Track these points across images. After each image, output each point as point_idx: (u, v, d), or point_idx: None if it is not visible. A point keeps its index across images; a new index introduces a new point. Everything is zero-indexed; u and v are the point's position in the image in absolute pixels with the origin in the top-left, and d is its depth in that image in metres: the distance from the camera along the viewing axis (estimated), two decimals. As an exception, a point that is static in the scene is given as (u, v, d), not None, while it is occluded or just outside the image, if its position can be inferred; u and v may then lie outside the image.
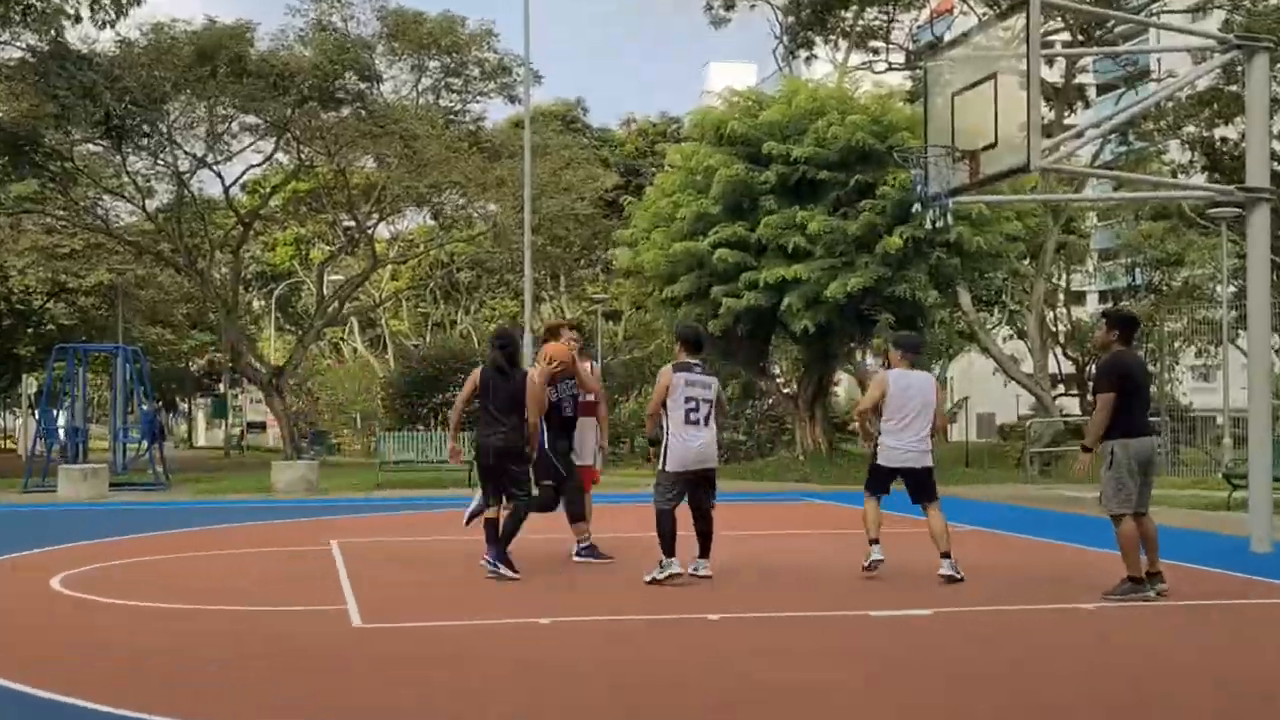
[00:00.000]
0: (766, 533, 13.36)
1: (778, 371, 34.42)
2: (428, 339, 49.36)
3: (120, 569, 10.58)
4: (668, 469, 9.15)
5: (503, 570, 9.31)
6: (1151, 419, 8.95)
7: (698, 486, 9.25)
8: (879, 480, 9.56)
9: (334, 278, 40.79)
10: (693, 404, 9.12)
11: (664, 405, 9.17)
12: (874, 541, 9.49)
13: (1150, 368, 21.54)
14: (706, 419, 9.16)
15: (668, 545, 9.16)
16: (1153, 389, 8.37)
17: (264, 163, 32.03)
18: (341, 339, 58.42)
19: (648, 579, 9.12)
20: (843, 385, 35.20)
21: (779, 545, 12.07)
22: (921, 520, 9.53)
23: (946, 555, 9.34)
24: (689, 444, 9.08)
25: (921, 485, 9.47)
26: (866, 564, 9.45)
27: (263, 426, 64.34)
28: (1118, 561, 8.59)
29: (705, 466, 9.22)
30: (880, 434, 9.48)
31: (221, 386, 56.97)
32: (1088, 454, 8.53)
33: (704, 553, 9.41)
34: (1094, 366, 35.51)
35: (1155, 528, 8.64)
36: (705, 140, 24.99)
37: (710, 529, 9.39)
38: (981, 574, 9.76)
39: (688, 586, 9.06)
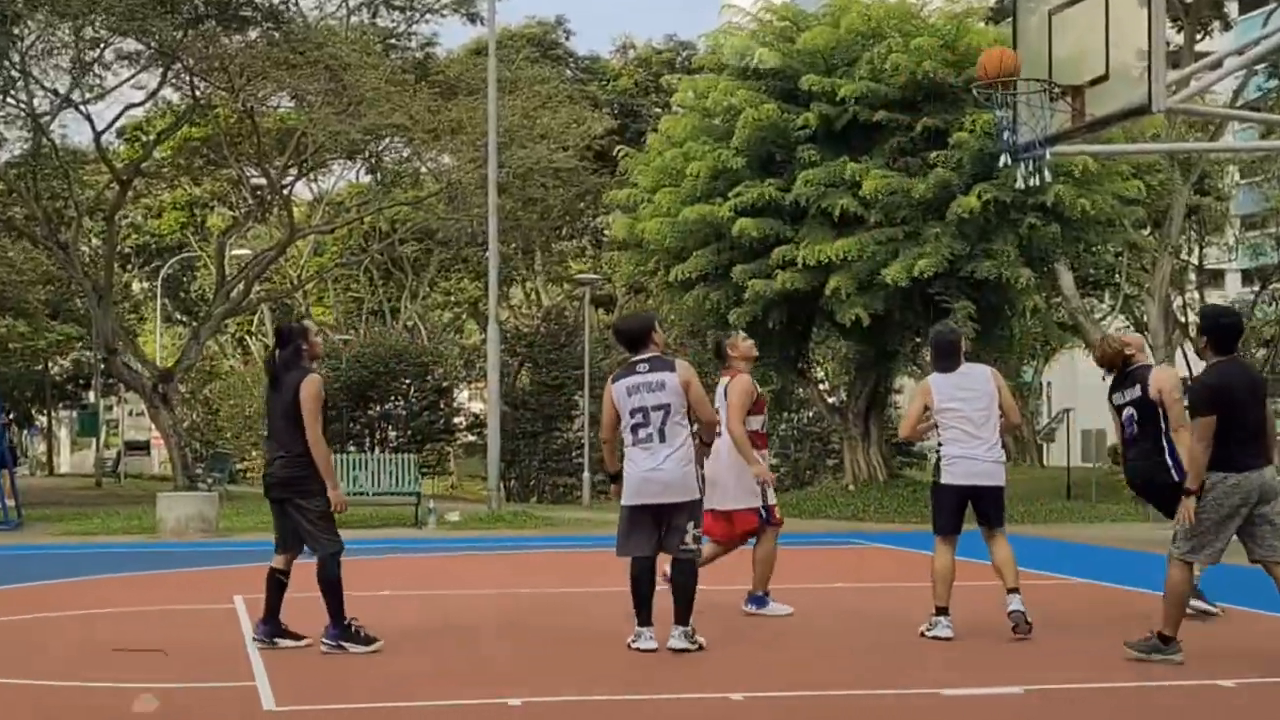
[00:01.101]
0: (807, 585, 13.33)
1: (821, 376, 34.46)
2: (361, 332, 49.40)
3: (-42, 634, 10.55)
4: (622, 502, 9.23)
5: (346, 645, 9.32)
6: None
7: (663, 523, 9.09)
8: (947, 511, 9.61)
9: (239, 252, 40.84)
10: (639, 416, 9.05)
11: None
12: (942, 611, 9.51)
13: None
14: (662, 432, 9.01)
15: (638, 609, 9.15)
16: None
17: (147, 101, 32.07)
18: (249, 332, 58.49)
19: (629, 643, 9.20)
20: (905, 393, 35.23)
21: (823, 602, 12.07)
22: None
23: (1015, 590, 9.47)
24: (638, 468, 9.08)
25: (996, 505, 9.63)
26: (930, 633, 9.51)
27: (146, 447, 64.44)
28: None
29: (667, 500, 9.04)
30: (941, 446, 9.54)
31: (91, 395, 57.01)
32: (1192, 498, 8.51)
33: (678, 616, 9.12)
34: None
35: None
36: (726, 72, 25.01)
37: (687, 581, 9.11)
38: (1088, 639, 9.75)
39: (705, 655, 9.05)
